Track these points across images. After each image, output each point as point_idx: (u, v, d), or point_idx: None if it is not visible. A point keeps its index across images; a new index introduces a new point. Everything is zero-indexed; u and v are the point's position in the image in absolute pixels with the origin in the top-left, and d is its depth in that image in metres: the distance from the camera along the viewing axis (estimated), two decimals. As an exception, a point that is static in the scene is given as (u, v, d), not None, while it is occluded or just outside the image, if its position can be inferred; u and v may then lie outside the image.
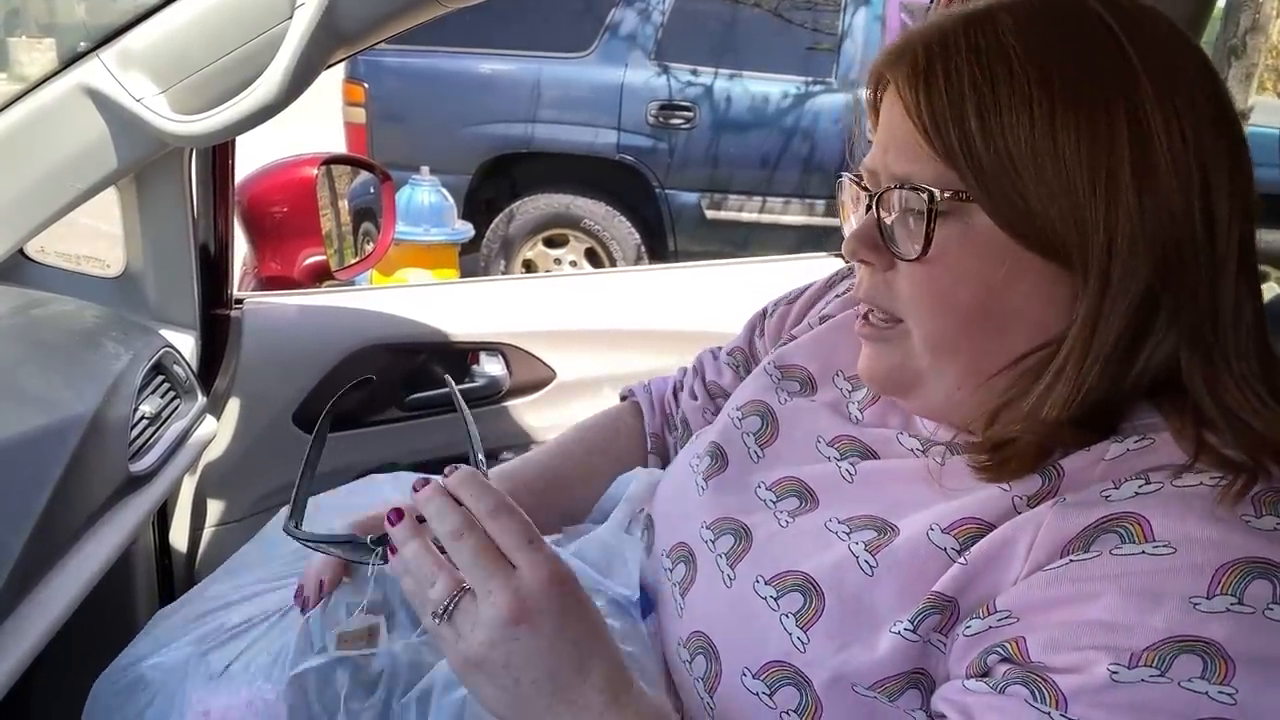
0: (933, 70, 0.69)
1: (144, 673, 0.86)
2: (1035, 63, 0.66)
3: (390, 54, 4.98)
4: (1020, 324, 0.69)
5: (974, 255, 0.68)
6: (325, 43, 1.06)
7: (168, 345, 1.28)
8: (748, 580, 0.75)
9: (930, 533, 0.68)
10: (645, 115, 5.02)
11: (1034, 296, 0.68)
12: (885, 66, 0.75)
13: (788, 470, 0.82)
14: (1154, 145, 0.65)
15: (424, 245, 4.34)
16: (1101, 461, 0.65)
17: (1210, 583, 0.57)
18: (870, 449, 0.80)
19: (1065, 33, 0.68)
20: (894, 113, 0.72)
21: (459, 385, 1.62)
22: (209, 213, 1.35)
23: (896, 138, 0.72)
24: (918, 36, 0.73)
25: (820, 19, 5.07)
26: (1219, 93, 0.69)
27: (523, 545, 0.66)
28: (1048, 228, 0.65)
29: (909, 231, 0.70)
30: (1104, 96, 0.65)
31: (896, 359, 0.74)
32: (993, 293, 0.68)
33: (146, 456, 1.15)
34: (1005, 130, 0.65)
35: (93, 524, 1.03)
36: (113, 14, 1.13)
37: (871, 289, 0.75)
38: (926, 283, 0.70)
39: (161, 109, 1.11)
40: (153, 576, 1.43)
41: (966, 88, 0.67)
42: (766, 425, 0.88)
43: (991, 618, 0.63)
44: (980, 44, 0.68)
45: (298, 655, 0.80)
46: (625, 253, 5.09)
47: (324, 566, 0.85)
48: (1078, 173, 0.64)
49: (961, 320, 0.69)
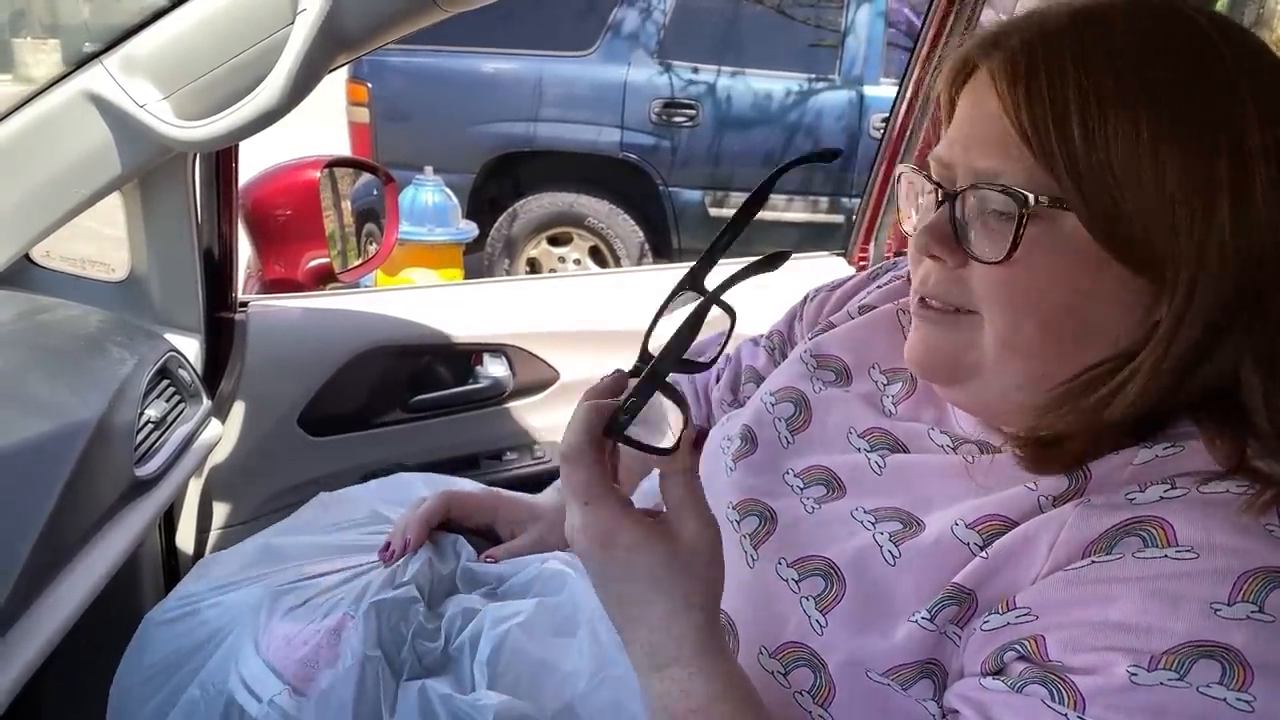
0: (1035, 69, 0.67)
1: (201, 610, 0.93)
2: (1144, 75, 0.65)
3: (393, 53, 4.97)
4: (1095, 333, 0.69)
5: (1058, 261, 0.67)
6: (327, 48, 1.07)
7: (173, 349, 1.28)
8: (770, 562, 0.76)
9: (954, 528, 0.69)
10: (648, 113, 5.02)
11: (1112, 307, 0.68)
12: (978, 56, 0.73)
13: (817, 458, 0.83)
14: (1252, 173, 0.65)
15: (428, 245, 4.34)
16: (1130, 466, 0.66)
17: (1232, 590, 0.57)
18: (901, 442, 0.81)
19: (1176, 49, 0.67)
20: (983, 107, 0.70)
21: (462, 387, 1.62)
22: (213, 216, 1.35)
23: (984, 133, 0.70)
24: (1017, 28, 0.71)
25: (823, 15, 5.06)
26: None
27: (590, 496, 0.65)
28: (1140, 240, 0.65)
29: (989, 231, 0.69)
30: (1210, 119, 0.65)
31: (959, 344, 0.73)
32: (1073, 300, 0.68)
33: (152, 461, 1.16)
34: (1109, 141, 0.64)
35: (99, 529, 1.04)
36: (118, 14, 1.13)
37: (941, 285, 0.73)
38: (1006, 284, 0.69)
39: (165, 115, 1.11)
40: (159, 579, 1.44)
41: (1072, 92, 0.65)
42: (800, 412, 0.88)
43: (1010, 614, 0.63)
44: (1088, 47, 0.67)
45: (381, 588, 0.89)
46: (629, 251, 5.09)
47: (410, 525, 0.96)
48: (1176, 191, 0.64)
49: (1040, 324, 0.69)
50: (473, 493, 1.06)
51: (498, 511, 1.04)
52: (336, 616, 0.87)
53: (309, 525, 1.04)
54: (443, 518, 1.00)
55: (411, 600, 0.89)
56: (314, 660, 0.86)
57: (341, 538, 1.00)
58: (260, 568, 0.96)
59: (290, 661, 0.86)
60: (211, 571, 0.98)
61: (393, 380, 1.58)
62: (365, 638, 0.85)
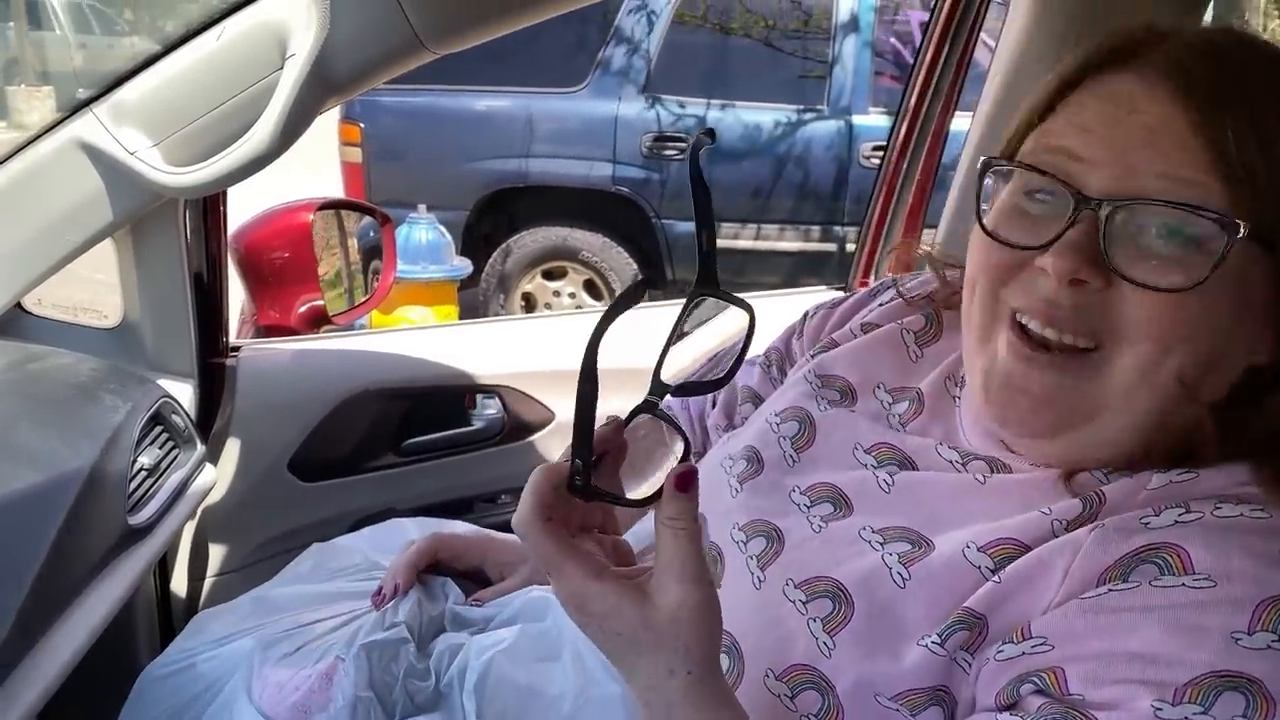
0: (1224, 85, 0.62)
1: (197, 664, 0.93)
2: None
3: (385, 93, 5.00)
4: (1220, 369, 0.66)
5: (1231, 294, 0.63)
6: (316, 92, 1.07)
7: (166, 395, 1.28)
8: (777, 583, 0.74)
9: (966, 550, 0.67)
10: (639, 147, 5.05)
11: (1244, 345, 0.66)
12: (1115, 62, 0.67)
13: (823, 476, 0.81)
14: None
15: (423, 283, 4.35)
16: (1144, 490, 0.65)
17: (1251, 619, 0.56)
18: (909, 458, 0.79)
19: None
20: (1149, 114, 0.64)
21: (456, 429, 1.61)
22: (204, 261, 1.35)
23: (1159, 142, 0.63)
24: (1176, 38, 0.67)
25: (810, 47, 5.10)
26: None
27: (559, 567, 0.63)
28: None
29: (1160, 254, 0.63)
30: None
31: (1080, 390, 0.66)
32: (1226, 335, 0.64)
33: (145, 509, 1.15)
34: None
35: (92, 579, 1.03)
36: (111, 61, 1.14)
37: (1080, 312, 0.65)
38: (1173, 313, 0.63)
39: (155, 161, 1.12)
40: (154, 626, 1.42)
41: (1274, 121, 0.62)
42: (804, 430, 0.86)
43: (1026, 643, 0.62)
44: (1268, 71, 0.64)
45: (371, 630, 0.90)
46: (624, 283, 5.09)
47: (399, 569, 0.96)
48: None
49: (1187, 356, 0.64)
50: (461, 535, 1.06)
51: (486, 553, 1.04)
52: (328, 661, 0.87)
53: (302, 576, 1.04)
54: (431, 560, 1.00)
55: (402, 641, 0.89)
56: (306, 705, 0.85)
57: (334, 586, 1.00)
58: (254, 619, 0.96)
59: (283, 707, 0.86)
60: (207, 626, 0.98)
61: (384, 423, 1.57)
62: (357, 680, 0.85)
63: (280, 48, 1.07)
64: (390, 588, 0.95)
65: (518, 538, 0.62)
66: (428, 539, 1.01)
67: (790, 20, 5.10)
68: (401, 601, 0.93)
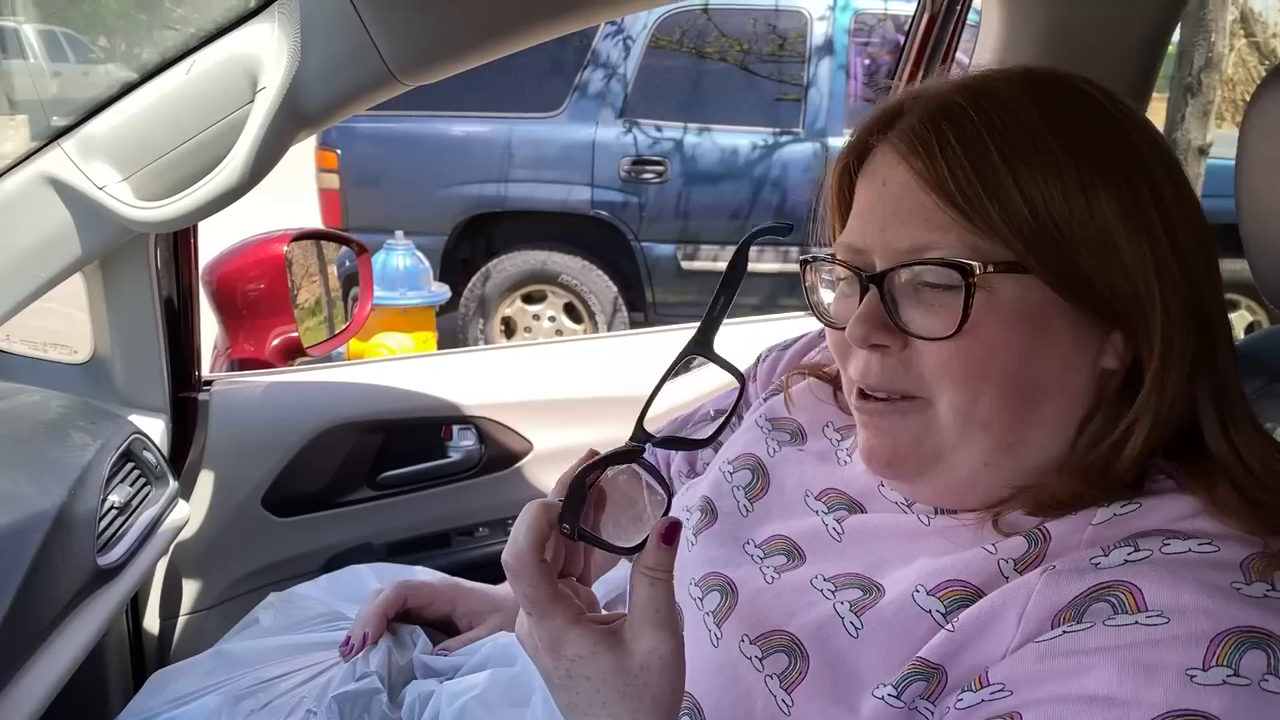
0: (946, 141, 0.67)
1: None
2: (1056, 133, 0.67)
3: (362, 119, 5.00)
4: (1048, 388, 0.69)
5: (1006, 325, 0.67)
6: (288, 125, 1.07)
7: (137, 432, 1.26)
8: (733, 640, 0.74)
9: (915, 594, 0.67)
10: (618, 170, 5.06)
11: (1060, 360, 0.68)
12: (875, 137, 0.73)
13: (777, 527, 0.82)
14: (1173, 214, 0.67)
15: (401, 309, 4.34)
16: (1089, 526, 0.66)
17: (1206, 654, 0.56)
18: (856, 502, 0.80)
19: (1075, 108, 0.69)
20: (893, 185, 0.70)
21: (432, 462, 1.60)
22: (175, 294, 1.34)
23: (901, 210, 0.70)
24: (911, 104, 0.72)
25: (785, 70, 5.14)
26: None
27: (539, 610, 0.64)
28: (1105, 293, 0.66)
29: (930, 308, 0.68)
30: (1124, 167, 0.67)
31: (914, 435, 0.71)
32: (1025, 362, 0.68)
33: (115, 548, 1.13)
34: (1046, 200, 0.66)
35: (62, 620, 1.01)
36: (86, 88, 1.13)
37: (887, 374, 0.71)
38: (959, 358, 0.68)
39: (124, 196, 1.11)
40: (126, 666, 1.40)
41: (996, 159, 0.66)
42: (757, 479, 0.87)
43: (984, 690, 0.62)
44: (991, 114, 0.68)
45: (342, 681, 0.89)
46: (604, 306, 5.10)
47: (368, 618, 0.95)
48: (1120, 240, 0.66)
49: (997, 392, 0.68)
50: (430, 582, 1.05)
51: (456, 602, 1.03)
52: (299, 715, 0.86)
53: (263, 628, 1.02)
54: (399, 608, 0.99)
55: (374, 691, 0.88)
56: None
57: (298, 638, 0.99)
58: (217, 676, 0.94)
59: None
60: (168, 685, 0.96)
61: (359, 457, 1.55)
62: None
63: (251, 81, 1.06)
64: (359, 637, 0.94)
65: (506, 571, 0.62)
66: (396, 586, 1.00)
67: (765, 44, 5.14)
68: (372, 651, 0.92)
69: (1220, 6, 4.39)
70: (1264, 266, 0.89)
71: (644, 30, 5.00)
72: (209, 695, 0.92)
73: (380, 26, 1.04)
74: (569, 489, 0.63)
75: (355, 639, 0.94)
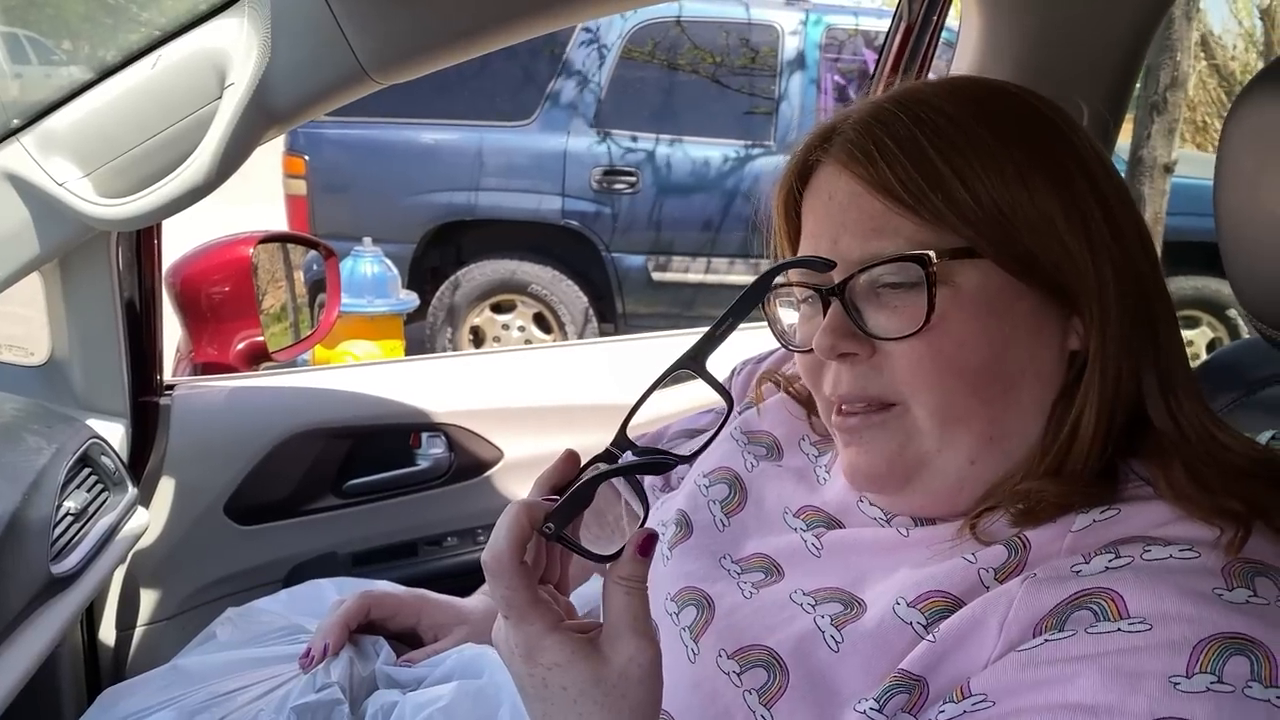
0: (883, 144, 0.69)
1: None
2: (990, 128, 0.69)
3: (330, 125, 4.95)
4: (1021, 374, 0.70)
5: (971, 314, 0.68)
6: (256, 122, 1.04)
7: (95, 436, 1.22)
8: (711, 654, 0.73)
9: (896, 607, 0.67)
10: (589, 181, 5.05)
11: (1028, 345, 0.69)
12: (817, 152, 0.75)
13: (755, 545, 0.81)
14: (1109, 200, 0.69)
15: (368, 317, 4.29)
16: (1069, 533, 0.65)
17: (1189, 661, 0.56)
18: (835, 519, 0.80)
19: (1004, 105, 0.72)
20: (839, 195, 0.72)
21: (399, 469, 1.57)
22: (137, 296, 1.30)
23: (849, 219, 0.71)
24: (846, 119, 0.74)
25: (756, 83, 5.16)
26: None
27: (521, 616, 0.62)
28: (1049, 267, 0.68)
29: (893, 309, 0.69)
30: (1059, 157, 0.69)
31: (896, 444, 0.71)
32: (996, 348, 0.68)
33: (70, 557, 1.09)
34: (987, 186, 0.67)
35: (12, 631, 0.97)
36: (47, 90, 1.10)
37: (858, 382, 0.71)
38: (929, 354, 0.68)
39: (85, 193, 1.08)
40: (81, 680, 1.35)
41: (933, 153, 0.68)
42: (734, 493, 0.86)
43: (966, 701, 0.61)
44: (924, 116, 0.70)
45: (302, 693, 0.87)
46: (574, 316, 5.08)
47: (330, 629, 0.93)
48: (1058, 220, 0.68)
49: (971, 384, 0.68)
50: (395, 593, 1.03)
51: (421, 614, 1.01)
52: None
53: (219, 643, 1.00)
54: (363, 619, 0.97)
55: (335, 702, 0.86)
56: None
57: (255, 652, 0.96)
58: (171, 691, 0.91)
59: None
60: (118, 703, 0.93)
61: (325, 464, 1.51)
62: None
63: (219, 76, 1.04)
64: (320, 648, 0.92)
65: (485, 572, 0.60)
66: (360, 596, 0.98)
67: (738, 57, 5.16)
68: (333, 662, 0.90)
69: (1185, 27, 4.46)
70: (1242, 279, 0.89)
71: (618, 40, 5.00)
72: (163, 711, 0.89)
73: (353, 22, 1.02)
74: (572, 495, 0.61)
75: (316, 650, 0.92)
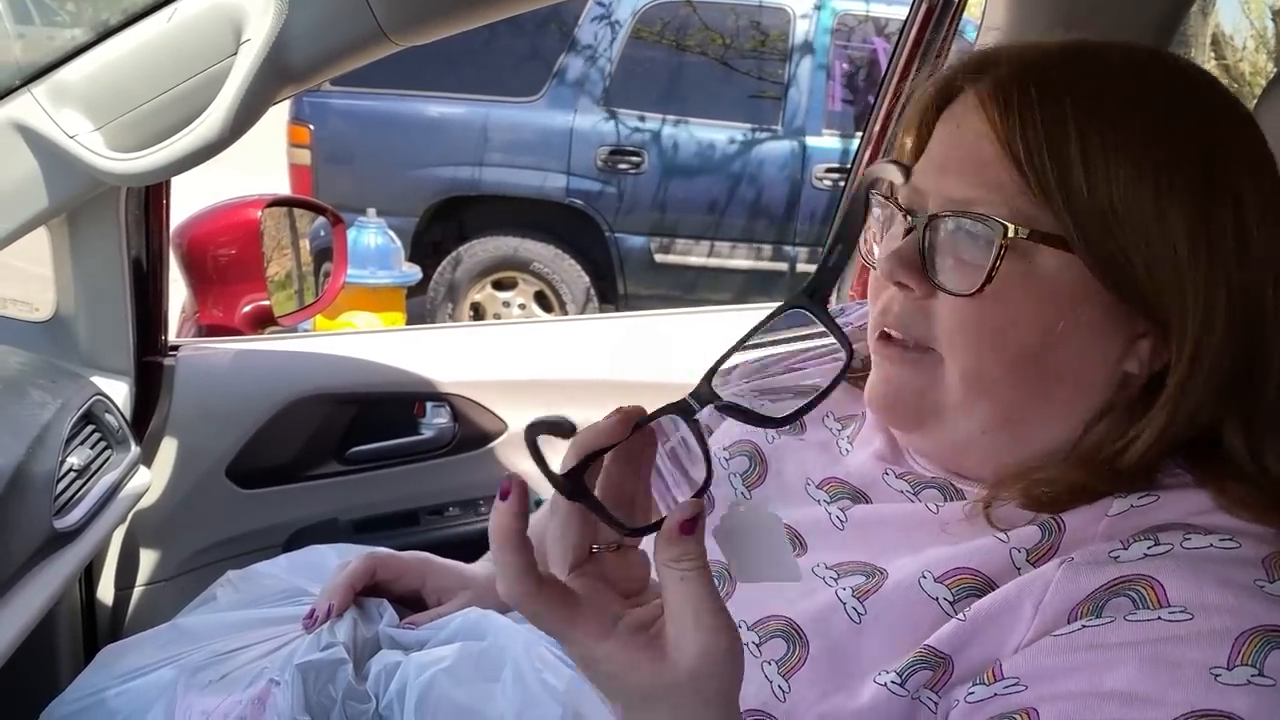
0: (1028, 97, 0.65)
1: (107, 700, 0.88)
2: (1146, 123, 0.64)
3: (336, 95, 4.93)
4: (1063, 375, 0.67)
5: (1034, 298, 0.65)
6: (271, 80, 1.03)
7: (99, 393, 1.21)
8: None
9: (922, 580, 0.66)
10: (594, 160, 5.02)
11: (1082, 350, 0.66)
12: (965, 79, 0.71)
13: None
14: (1250, 232, 0.64)
15: (370, 288, 4.27)
16: (1105, 518, 0.64)
17: (1230, 653, 0.55)
18: (860, 491, 0.78)
19: (1171, 98, 0.67)
20: (966, 130, 0.68)
21: (403, 438, 1.57)
22: (144, 254, 1.29)
23: (965, 157, 0.68)
24: (1006, 56, 0.69)
25: (765, 67, 5.13)
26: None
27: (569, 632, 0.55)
28: (1148, 289, 0.64)
29: (961, 262, 0.67)
30: (1212, 175, 0.64)
31: (920, 385, 0.70)
32: (1044, 340, 0.66)
33: (73, 512, 1.09)
34: (1111, 184, 0.63)
35: (12, 585, 0.97)
36: (51, 51, 1.08)
37: (905, 316, 0.70)
38: (976, 319, 0.66)
39: (96, 146, 1.07)
40: (78, 638, 1.35)
41: (1071, 126, 0.64)
42: (754, 466, 0.85)
43: (998, 684, 0.60)
44: (1083, 86, 0.65)
45: (306, 651, 0.86)
46: (575, 296, 5.07)
47: (335, 589, 0.93)
48: (1180, 239, 0.63)
49: (1009, 363, 0.67)
50: (401, 556, 1.02)
51: (425, 577, 1.00)
52: (260, 685, 0.83)
53: (220, 604, 0.99)
54: (368, 581, 0.96)
55: (340, 661, 0.85)
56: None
57: (257, 612, 0.96)
58: (172, 650, 0.91)
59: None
60: (117, 660, 0.92)
61: (328, 430, 1.50)
62: (293, 702, 0.81)
63: (235, 32, 1.02)
64: (324, 609, 0.91)
65: (512, 605, 0.53)
66: (365, 557, 0.97)
67: (747, 40, 5.13)
68: (337, 623, 0.90)
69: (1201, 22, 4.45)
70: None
71: (628, 18, 4.96)
72: (164, 669, 0.89)
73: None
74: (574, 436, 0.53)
75: (320, 611, 0.91)
